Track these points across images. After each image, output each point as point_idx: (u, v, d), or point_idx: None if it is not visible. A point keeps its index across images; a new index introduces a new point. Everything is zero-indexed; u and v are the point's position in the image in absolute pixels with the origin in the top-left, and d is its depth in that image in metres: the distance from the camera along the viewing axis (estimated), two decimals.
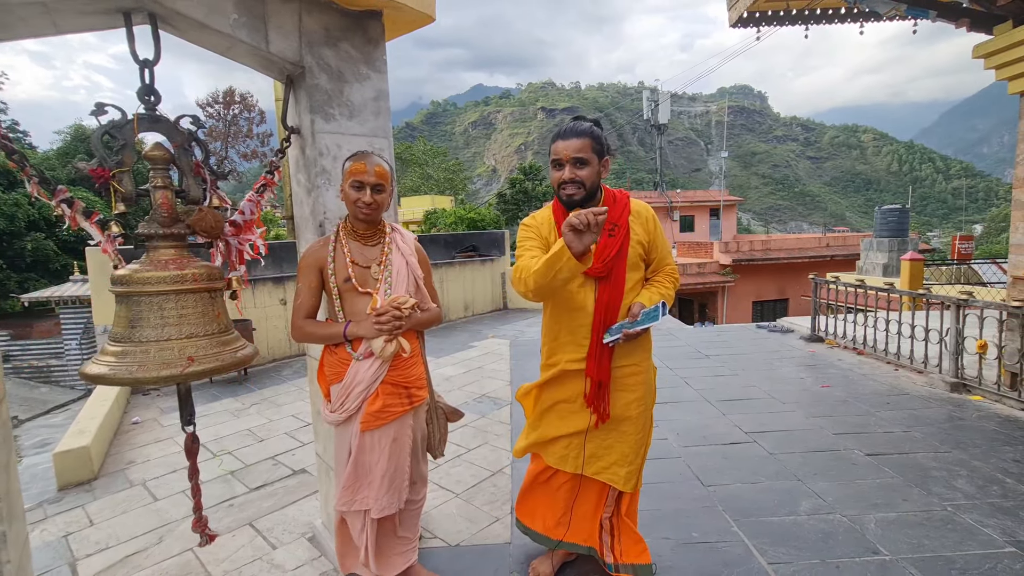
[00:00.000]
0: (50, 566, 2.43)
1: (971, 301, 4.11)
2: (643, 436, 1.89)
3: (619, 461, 1.86)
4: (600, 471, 1.87)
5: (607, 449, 1.86)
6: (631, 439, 1.85)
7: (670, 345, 6.26)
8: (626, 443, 1.85)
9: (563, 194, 1.74)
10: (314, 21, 2.00)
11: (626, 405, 1.84)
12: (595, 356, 1.77)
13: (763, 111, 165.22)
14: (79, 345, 13.35)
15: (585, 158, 1.69)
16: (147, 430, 4.25)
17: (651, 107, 31.22)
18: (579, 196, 1.72)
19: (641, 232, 1.80)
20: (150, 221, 1.60)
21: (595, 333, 1.76)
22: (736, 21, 5.53)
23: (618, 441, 1.86)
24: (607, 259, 1.73)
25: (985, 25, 4.18)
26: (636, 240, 1.78)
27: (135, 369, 1.44)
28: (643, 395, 1.85)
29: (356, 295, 1.78)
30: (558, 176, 1.73)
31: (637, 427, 1.86)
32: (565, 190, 1.72)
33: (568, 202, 1.74)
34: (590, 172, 1.70)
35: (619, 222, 1.75)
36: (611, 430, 1.86)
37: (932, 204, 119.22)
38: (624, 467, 1.85)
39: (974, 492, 2.63)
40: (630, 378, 1.83)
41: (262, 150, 25.34)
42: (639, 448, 1.88)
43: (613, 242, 1.73)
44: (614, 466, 1.86)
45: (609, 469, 1.86)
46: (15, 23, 1.61)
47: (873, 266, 12.48)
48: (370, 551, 1.88)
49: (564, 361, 1.82)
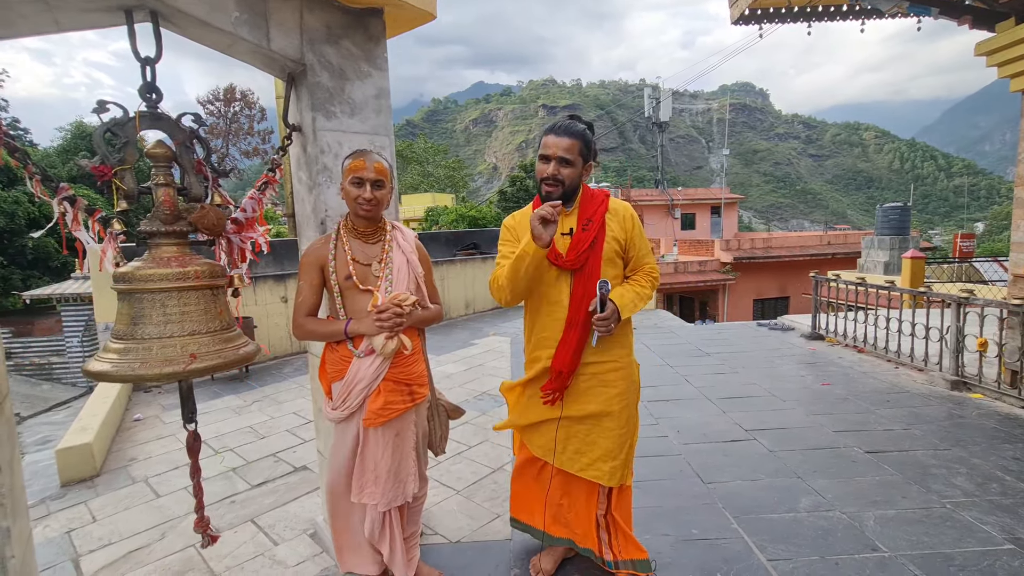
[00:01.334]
0: (53, 562, 2.44)
1: (972, 299, 4.11)
2: (627, 431, 1.89)
3: (602, 457, 1.86)
4: (584, 468, 1.88)
5: (590, 445, 1.87)
6: (613, 434, 1.86)
7: (671, 343, 6.26)
8: (609, 439, 1.86)
9: (543, 188, 1.79)
10: (315, 18, 2.00)
11: (607, 400, 1.85)
12: (566, 348, 1.80)
13: (764, 108, 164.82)
14: (81, 342, 13.37)
15: (571, 159, 1.75)
16: (149, 427, 4.27)
17: (652, 104, 31.14)
18: (556, 193, 1.78)
19: (617, 229, 1.84)
20: (152, 219, 1.60)
21: (568, 327, 1.80)
22: (738, 18, 5.51)
23: (601, 437, 1.86)
24: (581, 251, 1.78)
25: (987, 22, 4.16)
26: (611, 236, 1.83)
27: (137, 366, 1.45)
28: (624, 390, 1.87)
29: (357, 293, 1.79)
30: (543, 169, 1.79)
31: (619, 422, 1.87)
32: (545, 185, 1.79)
33: (546, 197, 1.79)
34: (572, 173, 1.77)
35: (593, 217, 1.82)
36: (593, 426, 1.86)
37: (934, 202, 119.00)
38: (607, 463, 1.86)
39: (973, 489, 2.64)
40: (610, 374, 1.85)
41: (263, 148, 25.35)
42: (623, 443, 1.88)
43: (587, 236, 1.79)
44: (597, 462, 1.86)
45: (593, 466, 1.87)
46: (16, 20, 1.62)
47: (874, 264, 12.46)
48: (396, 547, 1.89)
49: (545, 357, 1.86)
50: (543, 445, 1.94)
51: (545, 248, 1.66)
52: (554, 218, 1.63)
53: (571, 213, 1.84)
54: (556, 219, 1.64)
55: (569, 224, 1.82)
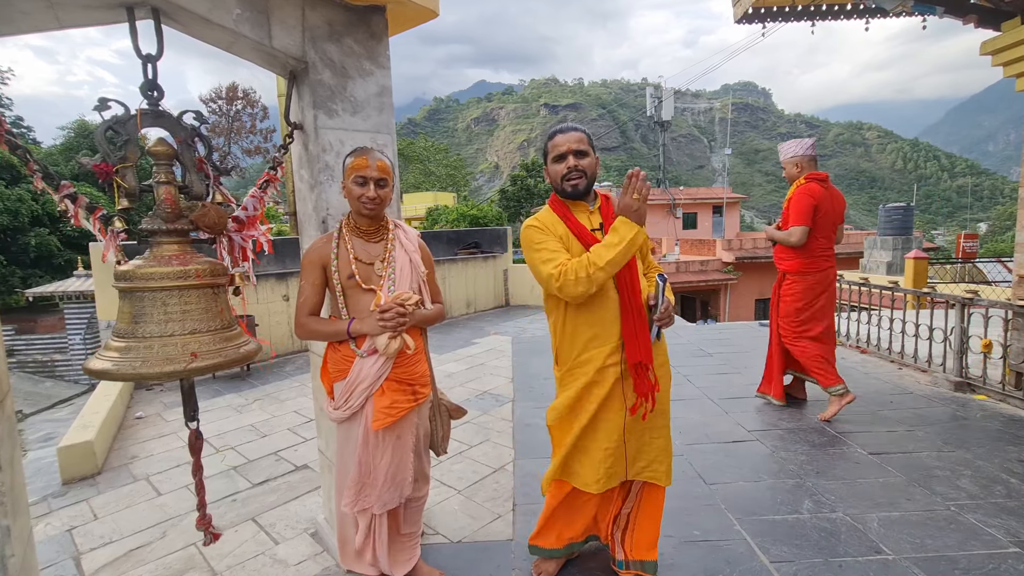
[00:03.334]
0: (54, 560, 2.44)
1: (976, 300, 4.08)
2: (668, 427, 1.92)
3: (659, 457, 1.88)
4: (641, 471, 1.88)
5: (647, 445, 1.87)
6: (665, 432, 1.90)
7: (672, 343, 6.25)
8: (662, 436, 1.89)
9: (567, 184, 1.79)
10: (317, 16, 1.99)
11: (660, 399, 1.86)
12: (632, 337, 1.75)
13: (767, 108, 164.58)
14: (83, 340, 13.41)
15: (585, 150, 1.78)
16: (150, 425, 4.27)
17: (654, 104, 31.09)
18: (583, 185, 1.78)
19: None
20: (153, 217, 1.59)
21: (626, 316, 1.75)
22: (741, 17, 5.49)
23: (655, 437, 1.87)
24: None
25: (993, 21, 4.14)
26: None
27: (138, 365, 1.44)
28: (667, 387, 1.89)
29: (360, 292, 1.78)
30: (559, 169, 1.78)
31: (667, 419, 1.90)
32: (570, 180, 1.78)
33: (573, 192, 1.79)
34: (591, 162, 1.79)
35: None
36: (648, 427, 1.86)
37: (937, 202, 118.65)
38: (664, 462, 1.89)
39: (978, 492, 2.62)
40: (659, 369, 1.85)
41: (265, 146, 25.38)
42: (670, 441, 1.92)
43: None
44: (654, 463, 1.88)
45: (650, 467, 1.88)
46: (17, 17, 1.61)
47: (877, 264, 12.43)
48: (380, 549, 1.89)
49: (600, 356, 1.78)
50: (599, 479, 1.80)
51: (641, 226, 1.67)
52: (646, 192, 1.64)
53: (595, 212, 1.85)
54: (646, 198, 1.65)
55: (596, 221, 1.83)
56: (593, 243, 1.74)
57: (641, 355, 1.75)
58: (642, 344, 1.75)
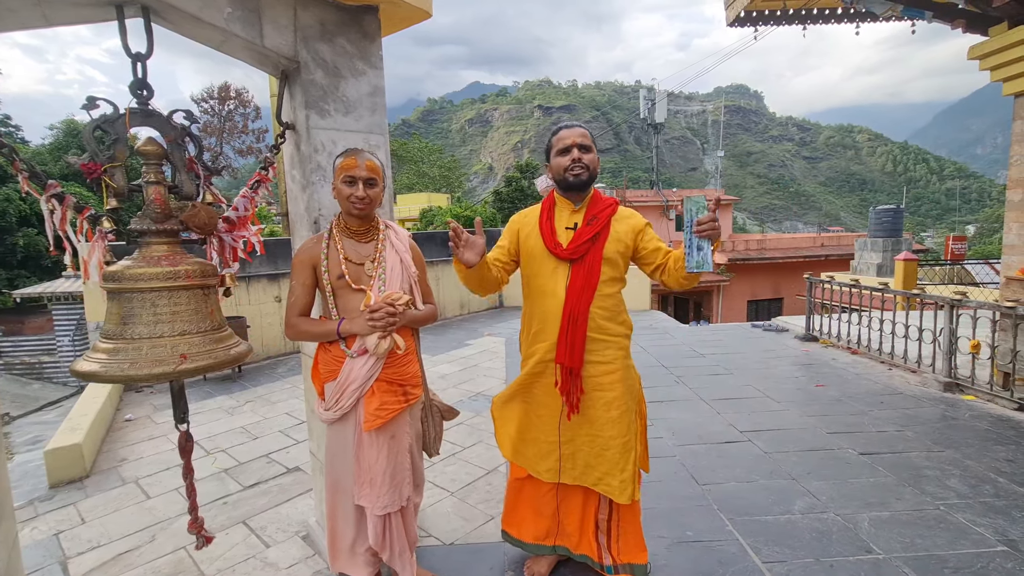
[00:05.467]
0: (41, 564, 2.41)
1: (964, 301, 4.13)
2: (628, 440, 1.82)
3: (610, 471, 1.82)
4: (596, 482, 1.85)
5: (596, 457, 1.84)
6: (618, 443, 1.81)
7: (665, 344, 6.27)
8: (614, 449, 1.82)
9: (570, 176, 1.82)
10: (309, 15, 1.98)
11: (606, 405, 1.82)
12: (565, 342, 1.79)
13: (759, 111, 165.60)
14: (72, 341, 13.27)
15: (588, 145, 1.84)
16: (140, 427, 4.22)
17: (648, 106, 31.21)
18: (585, 176, 1.82)
19: (623, 232, 1.86)
20: (143, 217, 1.58)
21: (564, 320, 1.79)
22: (733, 20, 5.53)
23: (605, 448, 1.83)
24: (581, 243, 1.80)
25: (981, 26, 4.19)
26: (616, 237, 1.84)
27: (127, 366, 1.42)
28: (621, 395, 1.81)
29: (350, 292, 1.77)
30: (563, 161, 1.83)
31: (620, 430, 1.81)
32: (573, 171, 1.81)
33: (575, 183, 1.83)
34: (593, 157, 1.84)
35: (599, 215, 1.85)
36: (594, 434, 1.84)
37: (926, 205, 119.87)
38: (616, 477, 1.81)
39: (967, 491, 2.65)
40: (604, 376, 1.82)
41: (257, 146, 25.21)
42: (627, 454, 1.81)
43: (590, 229, 1.83)
44: (607, 476, 1.83)
45: (603, 480, 1.84)
46: (3, 14, 1.59)
47: (867, 266, 12.55)
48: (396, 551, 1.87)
49: (541, 351, 1.84)
50: (550, 468, 1.89)
51: (468, 267, 1.71)
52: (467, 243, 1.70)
53: (579, 210, 1.88)
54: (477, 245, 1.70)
55: (575, 219, 1.86)
56: (554, 241, 1.82)
57: (566, 359, 1.79)
58: (574, 350, 1.78)
